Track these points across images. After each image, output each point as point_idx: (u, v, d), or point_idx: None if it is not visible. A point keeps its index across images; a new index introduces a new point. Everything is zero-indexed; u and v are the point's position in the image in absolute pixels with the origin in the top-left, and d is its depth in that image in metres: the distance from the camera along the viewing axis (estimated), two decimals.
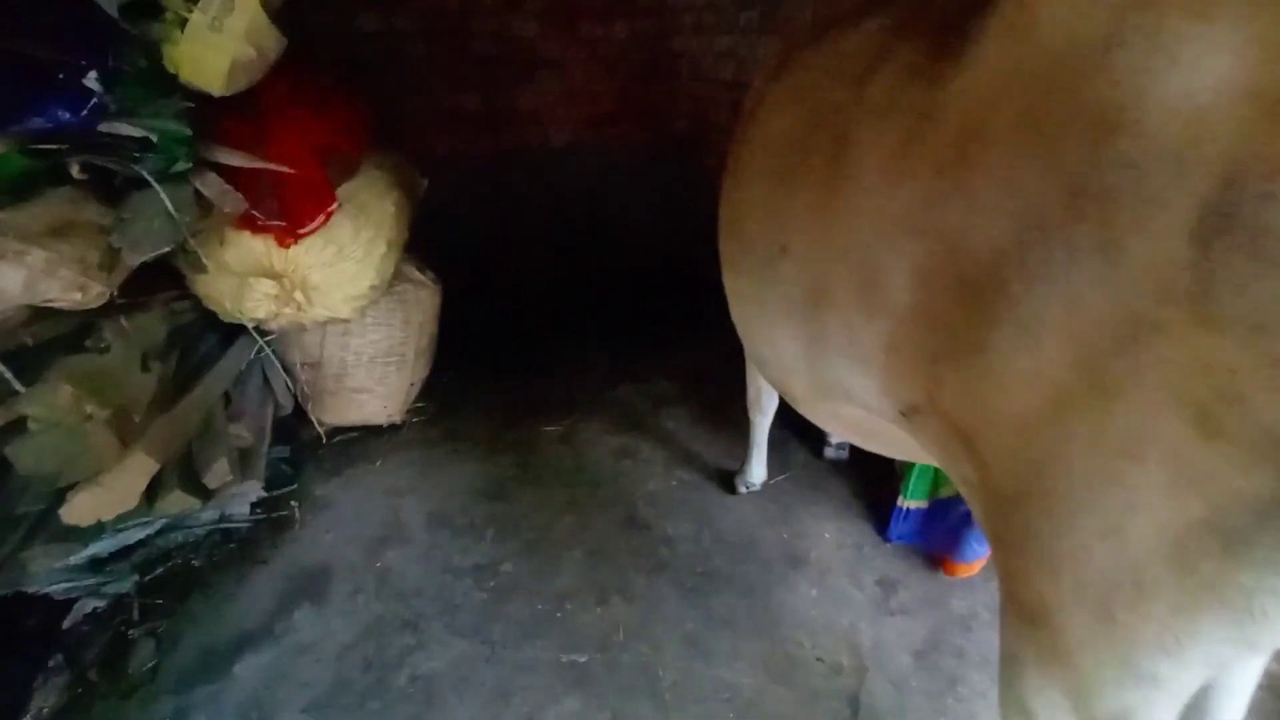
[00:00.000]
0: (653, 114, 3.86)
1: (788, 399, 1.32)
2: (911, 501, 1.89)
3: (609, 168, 3.81)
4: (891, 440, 1.09)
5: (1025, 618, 0.73)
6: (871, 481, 2.22)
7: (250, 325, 2.08)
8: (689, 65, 3.62)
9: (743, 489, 2.16)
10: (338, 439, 2.49)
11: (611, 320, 3.43)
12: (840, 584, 1.85)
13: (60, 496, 1.56)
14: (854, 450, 2.33)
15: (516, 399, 2.77)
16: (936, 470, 1.84)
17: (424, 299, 2.45)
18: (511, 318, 3.43)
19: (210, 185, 1.75)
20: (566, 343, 3.22)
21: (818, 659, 1.63)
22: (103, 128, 1.54)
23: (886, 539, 1.97)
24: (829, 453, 2.34)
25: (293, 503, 2.16)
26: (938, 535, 1.88)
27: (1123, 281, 0.58)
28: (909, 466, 1.86)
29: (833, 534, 2.03)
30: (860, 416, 1.07)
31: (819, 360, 1.03)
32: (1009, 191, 0.67)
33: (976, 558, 1.80)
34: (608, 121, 3.76)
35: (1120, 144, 0.58)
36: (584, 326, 3.36)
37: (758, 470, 2.14)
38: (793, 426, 2.42)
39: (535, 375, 2.94)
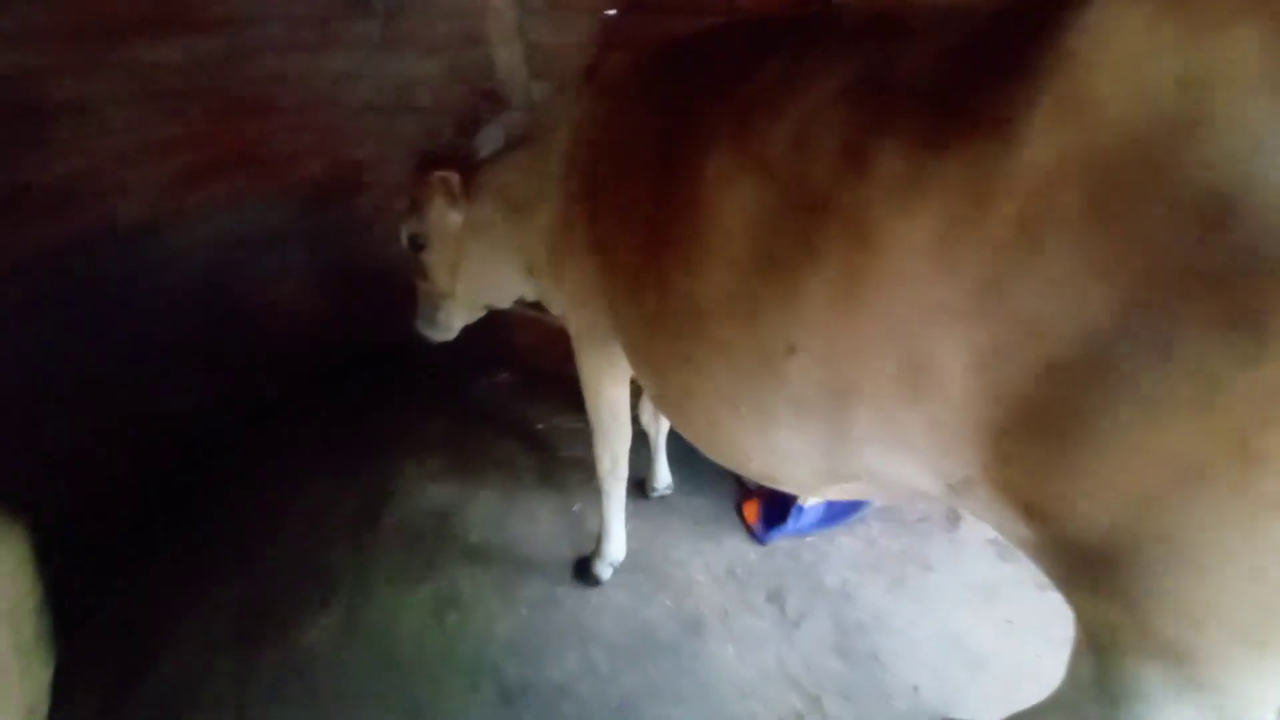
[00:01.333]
0: (267, 158, 2.98)
1: (766, 483, 1.20)
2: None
3: (228, 239, 2.84)
4: (897, 496, 1.06)
5: (1153, 655, 0.77)
6: (695, 496, 2.24)
7: None
8: (296, 91, 2.86)
9: (606, 572, 1.93)
10: None
11: (300, 435, 2.67)
12: (743, 623, 1.82)
13: None
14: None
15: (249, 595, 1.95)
16: None
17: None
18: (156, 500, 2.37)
19: None
20: (256, 489, 2.38)
21: (779, 718, 1.59)
22: None
23: (763, 540, 2.03)
24: (656, 493, 2.26)
25: None
26: (836, 513, 2.04)
27: (1268, 354, 0.58)
28: None
29: (705, 575, 1.98)
30: (873, 488, 1.02)
31: (839, 452, 0.96)
32: (1097, 273, 0.64)
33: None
34: (204, 177, 2.76)
35: (1235, 232, 0.57)
36: (269, 458, 2.54)
37: (618, 544, 1.93)
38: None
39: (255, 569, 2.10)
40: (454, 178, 1.83)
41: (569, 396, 2.82)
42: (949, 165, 0.70)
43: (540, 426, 2.71)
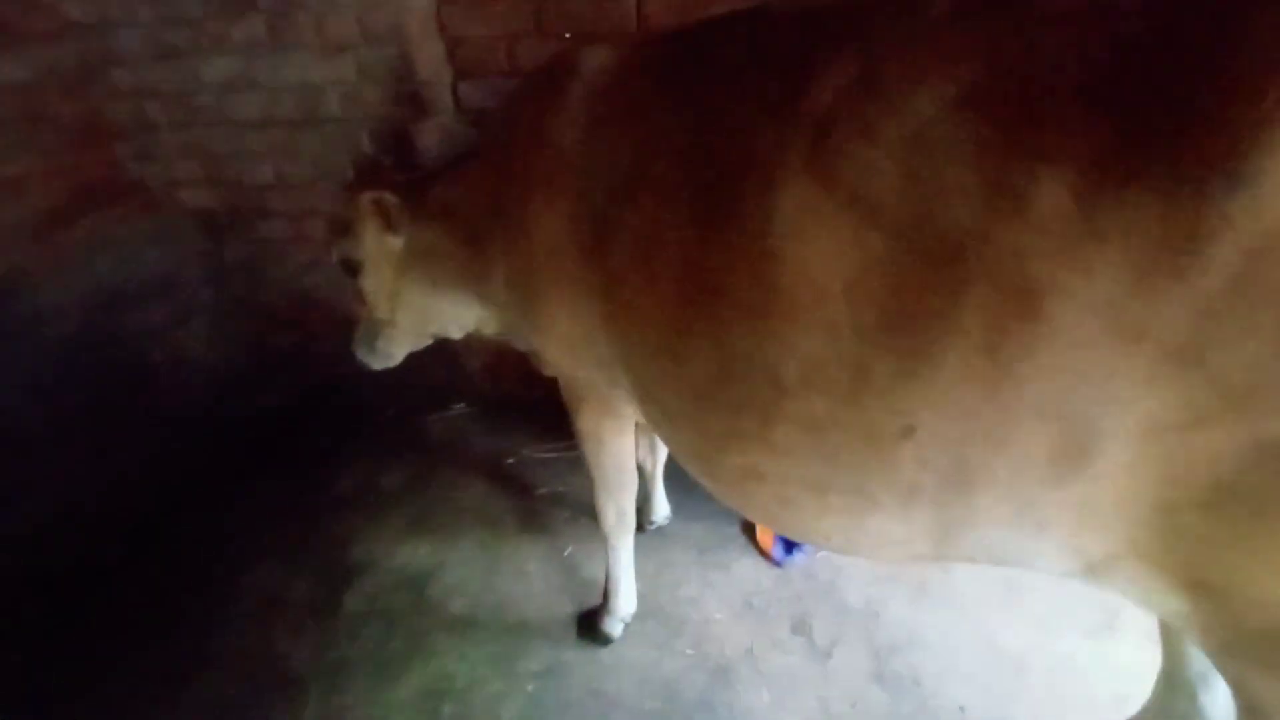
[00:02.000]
0: (145, 189, 2.54)
1: (845, 554, 1.09)
2: None
3: (108, 288, 2.40)
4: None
5: None
6: (694, 521, 2.08)
7: None
8: (171, 107, 2.44)
9: (617, 628, 1.74)
10: None
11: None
12: (773, 662, 1.68)
13: None
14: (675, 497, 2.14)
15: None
16: None
17: None
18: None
19: None
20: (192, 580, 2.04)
21: None
22: None
23: (781, 562, 1.91)
24: (654, 525, 2.08)
25: None
26: None
27: None
28: None
29: (723, 611, 1.82)
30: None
31: (950, 536, 0.82)
32: None
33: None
34: (71, 217, 2.30)
35: None
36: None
37: (629, 598, 1.74)
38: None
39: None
40: (389, 199, 1.56)
41: (536, 423, 2.60)
42: (1139, 203, 0.55)
43: (510, 461, 2.46)
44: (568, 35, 2.00)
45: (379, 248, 1.66)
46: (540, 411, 2.65)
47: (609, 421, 1.38)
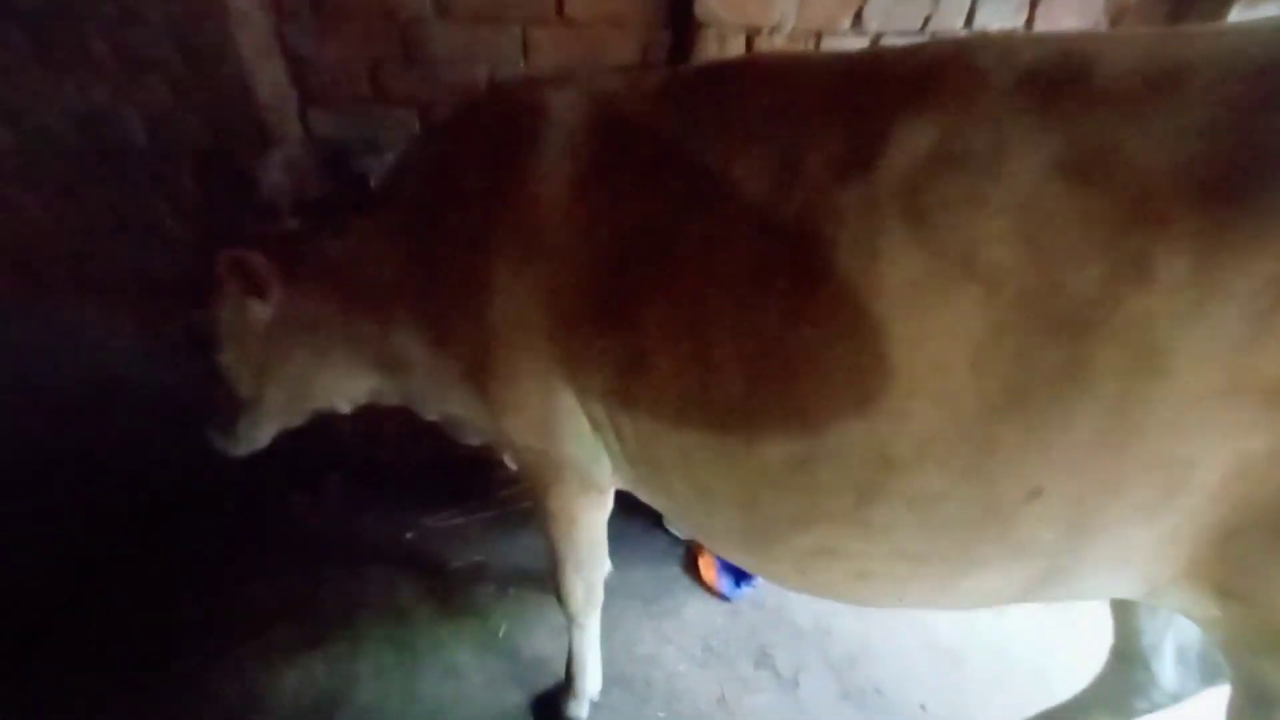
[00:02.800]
0: None
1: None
2: None
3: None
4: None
5: None
6: (633, 569, 1.99)
7: None
8: None
9: (585, 709, 1.57)
10: None
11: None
12: (747, 704, 1.63)
13: None
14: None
15: None
16: None
17: None
18: None
19: None
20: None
21: None
22: None
23: (731, 597, 1.88)
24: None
25: None
26: None
27: None
28: None
29: (685, 662, 1.74)
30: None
31: (1045, 583, 0.83)
32: None
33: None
34: None
35: None
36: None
37: (595, 676, 1.57)
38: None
39: None
40: (255, 259, 1.27)
41: (428, 489, 2.32)
42: (1254, 261, 0.58)
43: (410, 536, 2.16)
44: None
45: (241, 316, 1.35)
46: (430, 475, 2.38)
47: (587, 498, 1.24)
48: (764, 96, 0.87)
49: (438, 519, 2.21)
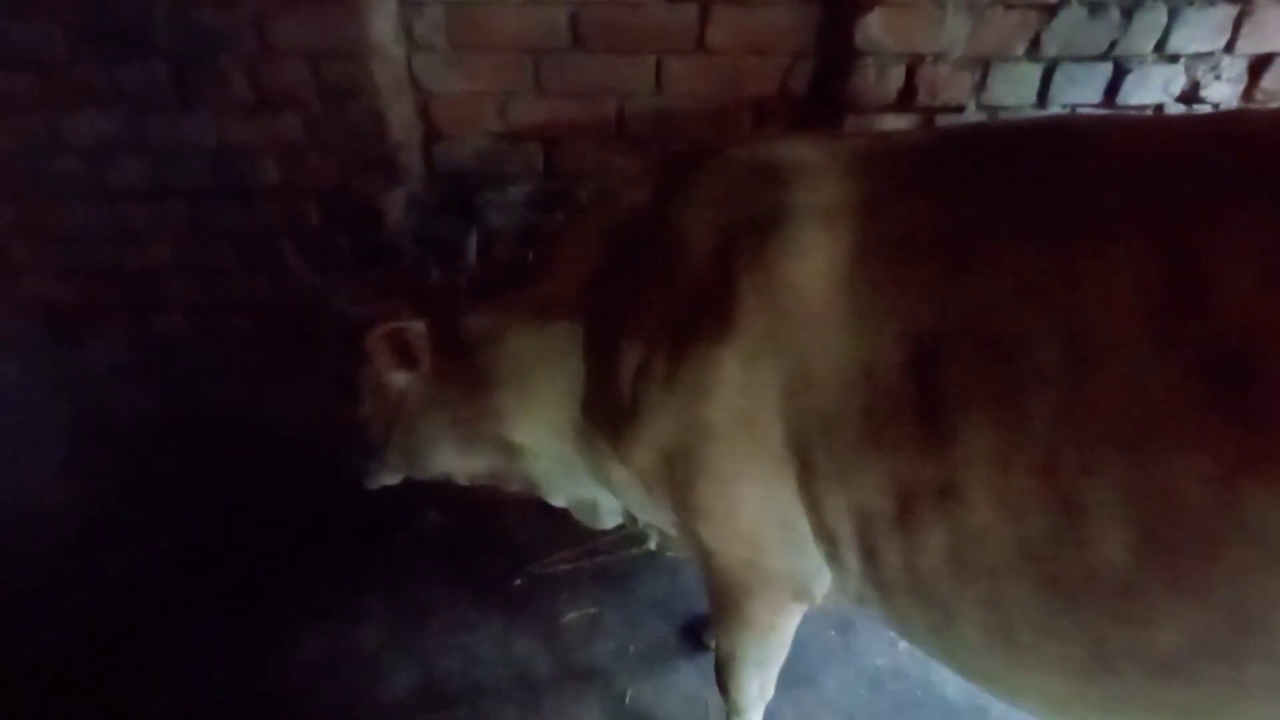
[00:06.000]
0: None
1: None
2: None
3: None
4: None
5: None
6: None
7: None
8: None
9: None
10: None
11: None
12: None
13: None
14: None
15: None
16: None
17: None
18: None
19: None
20: None
21: None
22: None
23: None
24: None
25: None
26: None
27: None
28: None
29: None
30: None
31: None
32: None
33: None
34: None
35: None
36: None
37: None
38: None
39: None
40: (417, 331, 1.20)
41: (531, 529, 2.23)
42: None
43: (518, 582, 2.07)
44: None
45: (380, 382, 1.29)
46: (533, 513, 2.29)
47: (794, 606, 1.10)
48: (1119, 172, 0.71)
49: (545, 564, 2.12)
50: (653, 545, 2.10)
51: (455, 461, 1.42)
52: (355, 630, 1.90)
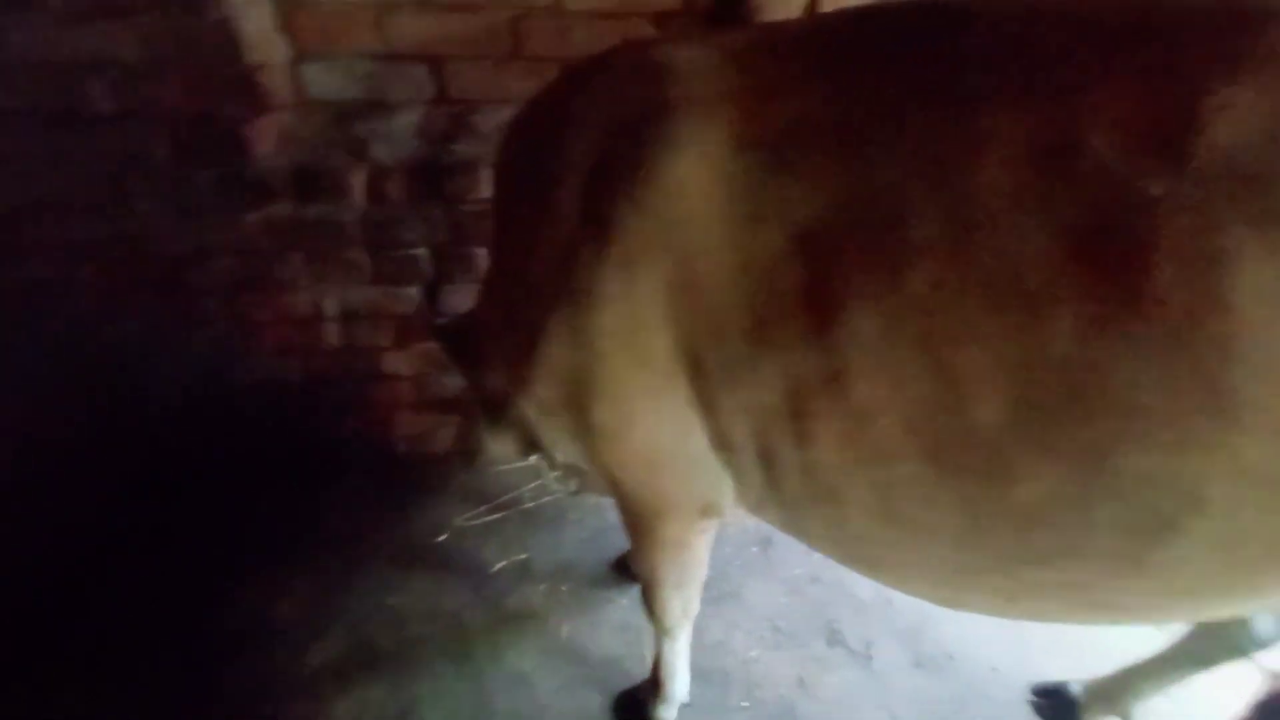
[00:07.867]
0: None
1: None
2: None
3: None
4: None
5: None
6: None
7: None
8: None
9: (673, 712, 1.51)
10: None
11: None
12: (827, 684, 1.62)
13: None
14: None
15: None
16: None
17: None
18: None
19: None
20: None
21: None
22: None
23: None
24: None
25: None
26: None
27: None
28: None
29: (758, 647, 1.71)
30: None
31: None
32: None
33: None
34: None
35: None
36: None
37: (684, 678, 1.51)
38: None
39: None
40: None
41: (451, 482, 2.17)
42: None
43: (443, 540, 2.02)
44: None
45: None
46: (447, 469, 2.24)
47: (703, 523, 1.11)
48: (998, 45, 0.71)
49: (468, 518, 2.07)
50: (573, 487, 2.10)
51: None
52: (279, 598, 1.79)
